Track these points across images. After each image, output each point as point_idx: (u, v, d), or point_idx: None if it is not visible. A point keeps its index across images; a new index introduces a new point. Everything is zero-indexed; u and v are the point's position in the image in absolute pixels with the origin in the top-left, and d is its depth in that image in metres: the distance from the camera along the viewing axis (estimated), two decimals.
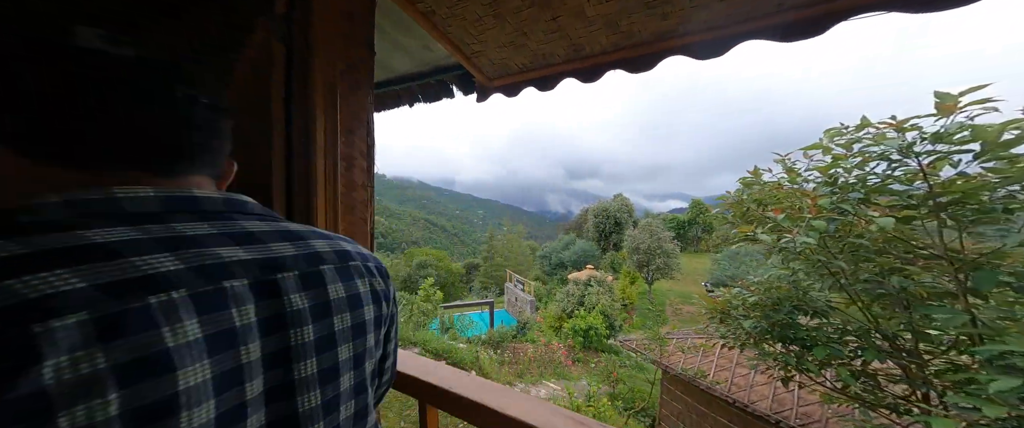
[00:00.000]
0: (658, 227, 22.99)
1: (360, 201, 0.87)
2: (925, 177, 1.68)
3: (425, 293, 8.45)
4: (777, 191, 2.13)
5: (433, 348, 5.35)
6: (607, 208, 34.56)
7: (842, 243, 1.83)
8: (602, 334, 11.84)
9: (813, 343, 2.12)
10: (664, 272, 22.69)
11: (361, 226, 0.88)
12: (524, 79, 1.44)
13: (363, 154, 0.87)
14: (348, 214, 0.83)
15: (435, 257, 31.74)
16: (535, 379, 7.91)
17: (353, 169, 0.84)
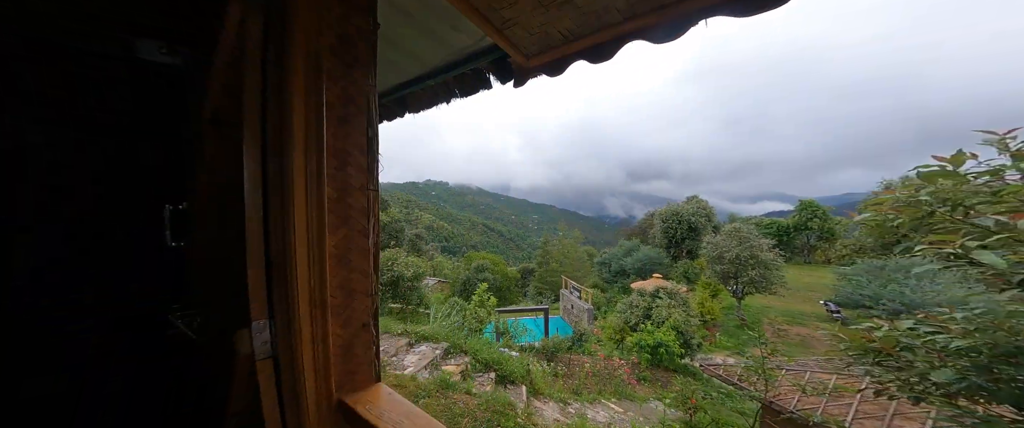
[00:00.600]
0: (750, 233, 19.44)
1: (358, 208, 0.70)
2: None
3: (479, 299, 8.54)
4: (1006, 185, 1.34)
5: (484, 358, 5.25)
6: (678, 211, 30.88)
7: None
8: (674, 353, 10.37)
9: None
10: (760, 286, 19.03)
11: (359, 241, 0.71)
12: (571, 51, 1.13)
13: (362, 149, 0.70)
14: (341, 226, 0.67)
15: (491, 261, 32.63)
16: (593, 398, 7.24)
17: (347, 168, 0.68)
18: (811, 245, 35.50)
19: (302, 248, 0.60)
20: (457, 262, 42.03)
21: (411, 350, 5.15)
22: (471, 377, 4.83)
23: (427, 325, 6.94)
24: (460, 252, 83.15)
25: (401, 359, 4.76)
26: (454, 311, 8.48)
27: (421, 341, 5.44)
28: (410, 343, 5.32)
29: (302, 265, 0.60)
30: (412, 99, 2.01)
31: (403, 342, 5.24)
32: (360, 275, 0.70)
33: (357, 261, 0.71)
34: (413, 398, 3.54)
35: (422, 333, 5.53)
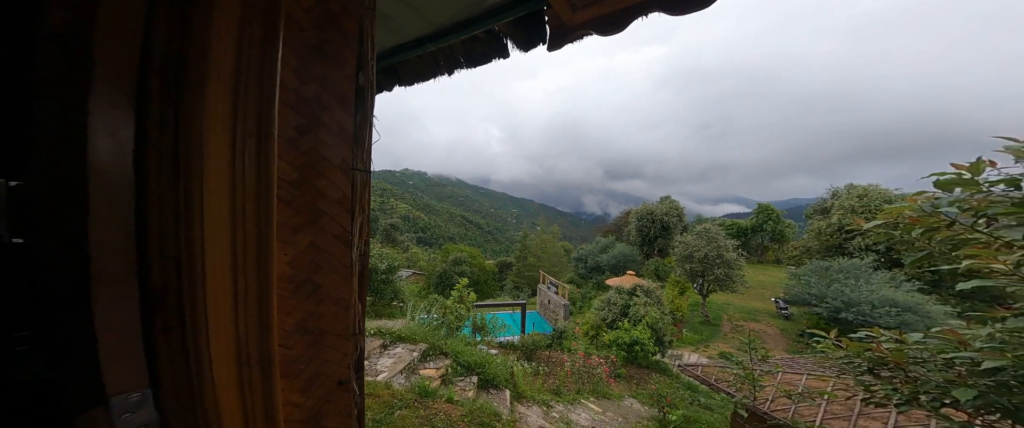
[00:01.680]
0: (718, 234, 20.54)
1: (334, 198, 0.40)
2: None
3: (458, 294, 8.20)
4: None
5: (466, 360, 4.97)
6: (652, 211, 32.10)
7: None
8: (649, 350, 10.71)
9: None
10: (723, 284, 20.25)
11: (335, 253, 0.40)
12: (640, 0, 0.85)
13: (346, 102, 0.38)
14: (305, 227, 0.36)
15: (469, 254, 32.20)
16: (573, 398, 7.24)
17: (319, 130, 0.37)
18: (764, 246, 38.51)
19: (218, 265, 0.30)
20: (433, 254, 41.04)
21: (385, 352, 4.75)
22: (452, 382, 4.54)
23: (403, 321, 6.52)
24: (437, 243, 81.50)
25: (374, 363, 4.35)
26: (433, 308, 8.09)
27: (397, 342, 5.05)
28: (384, 344, 4.91)
29: (219, 294, 0.31)
30: (406, 68, 1.64)
31: (376, 344, 4.81)
32: (335, 307, 0.40)
33: (331, 285, 0.40)
34: (388, 409, 3.19)
35: (398, 333, 5.13)
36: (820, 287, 18.23)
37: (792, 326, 19.47)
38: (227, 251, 0.32)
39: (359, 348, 0.48)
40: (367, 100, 0.44)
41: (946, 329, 1.66)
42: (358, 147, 0.43)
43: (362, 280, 0.48)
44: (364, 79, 0.43)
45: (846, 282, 17.61)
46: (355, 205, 0.43)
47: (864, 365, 1.94)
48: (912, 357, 1.78)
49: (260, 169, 0.34)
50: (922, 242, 1.64)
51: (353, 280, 0.44)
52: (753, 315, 21.06)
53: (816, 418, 3.84)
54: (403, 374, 4.24)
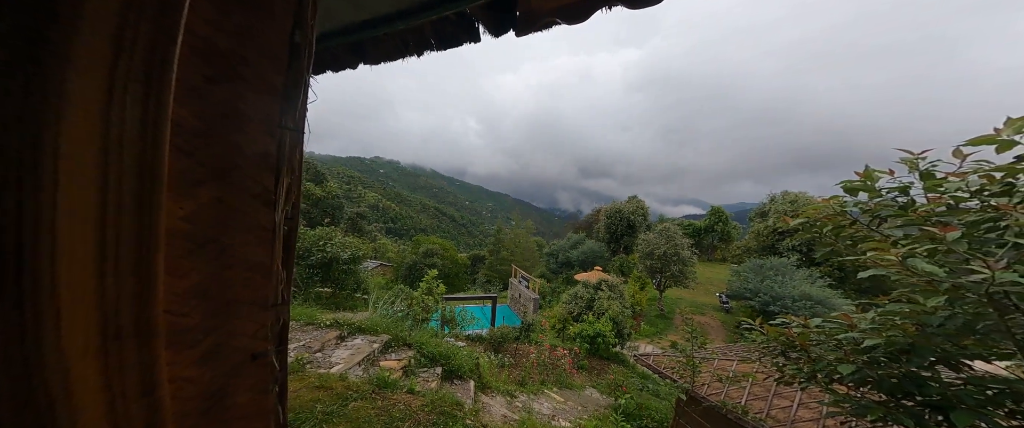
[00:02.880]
0: (676, 233, 22.03)
1: (251, 155, 0.34)
2: None
3: (427, 285, 8.04)
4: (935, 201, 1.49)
5: (430, 351, 4.91)
6: (621, 209, 33.63)
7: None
8: (610, 342, 11.29)
9: (950, 404, 1.54)
10: (678, 280, 21.83)
11: (250, 212, 0.35)
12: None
13: (274, 56, 0.34)
14: (207, 181, 0.31)
15: (441, 246, 31.64)
16: (537, 388, 7.46)
17: (237, 82, 0.31)
18: (714, 245, 42.13)
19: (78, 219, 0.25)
20: (403, 245, 39.86)
21: (342, 344, 4.53)
22: (414, 373, 4.46)
23: (366, 313, 6.27)
24: (408, 235, 79.02)
25: (329, 355, 4.14)
26: (398, 299, 7.85)
27: (356, 333, 4.84)
28: (342, 336, 4.69)
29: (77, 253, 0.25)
30: (372, 46, 1.54)
31: (333, 335, 4.58)
32: (248, 272, 0.36)
33: (243, 248, 0.36)
34: (342, 401, 3.06)
35: (357, 324, 4.92)
36: (755, 283, 20.49)
37: (731, 319, 21.56)
38: (92, 202, 0.27)
39: (282, 320, 0.44)
40: (302, 59, 0.40)
41: (841, 313, 1.93)
42: (288, 105, 0.39)
43: (288, 246, 0.44)
44: (301, 37, 0.39)
45: (775, 279, 19.99)
46: (281, 165, 0.39)
47: (778, 348, 2.20)
48: (813, 340, 2.06)
49: (146, 115, 0.29)
50: (832, 238, 1.89)
51: (275, 244, 0.40)
52: (701, 309, 22.99)
53: (742, 398, 4.31)
54: (361, 366, 4.09)
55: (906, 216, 1.51)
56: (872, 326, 1.78)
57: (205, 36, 0.32)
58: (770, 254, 26.31)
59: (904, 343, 1.64)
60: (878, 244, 1.58)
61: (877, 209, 1.64)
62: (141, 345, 0.31)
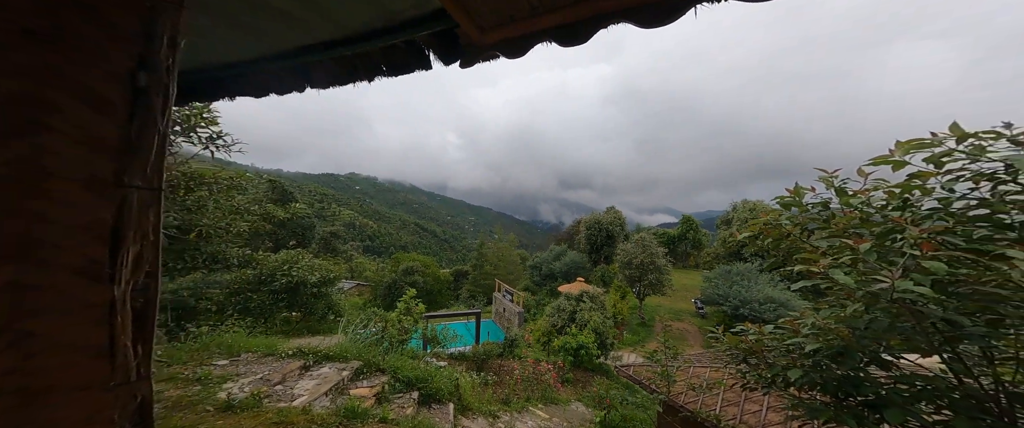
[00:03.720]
0: (651, 242, 22.77)
1: (69, 225, 0.30)
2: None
3: (404, 306, 7.74)
4: (846, 215, 1.63)
5: (406, 375, 4.67)
6: (600, 220, 34.45)
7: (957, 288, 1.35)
8: (593, 353, 11.27)
9: (883, 403, 1.63)
10: (656, 288, 22.40)
11: (69, 289, 0.29)
12: (539, 27, 0.90)
13: (104, 104, 0.31)
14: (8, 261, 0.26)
15: (423, 263, 30.81)
16: (521, 405, 7.25)
17: (38, 136, 0.28)
18: (688, 252, 43.86)
19: None
20: (382, 263, 38.40)
21: (307, 374, 4.21)
22: (389, 400, 4.20)
23: (336, 338, 5.90)
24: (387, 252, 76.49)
25: (290, 387, 3.82)
26: (371, 322, 7.46)
27: (323, 361, 4.52)
28: (306, 365, 4.36)
29: None
30: (318, 70, 1.51)
31: (296, 365, 4.24)
32: (70, 357, 0.31)
33: (59, 331, 0.30)
34: None
35: (324, 352, 4.61)
36: (725, 288, 21.50)
37: (708, 323, 22.29)
38: None
39: (139, 397, 0.39)
40: (155, 105, 0.37)
41: (787, 320, 2.04)
42: (133, 159, 0.35)
43: (144, 319, 0.39)
44: (150, 79, 0.36)
45: (742, 284, 21.10)
46: (128, 230, 0.34)
47: (740, 355, 2.28)
48: (768, 346, 2.15)
49: None
50: (774, 249, 2.02)
51: (117, 321, 0.35)
52: (679, 315, 23.61)
53: (717, 406, 4.39)
54: (328, 396, 3.80)
55: (829, 228, 1.64)
56: (812, 332, 1.89)
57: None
58: (736, 260, 27.76)
59: (839, 346, 1.75)
60: (808, 255, 1.70)
61: (805, 222, 1.78)
62: None
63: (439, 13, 1.09)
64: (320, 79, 1.60)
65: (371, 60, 1.41)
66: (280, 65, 1.46)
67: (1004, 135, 1.32)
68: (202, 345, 4.42)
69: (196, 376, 3.49)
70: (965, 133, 1.37)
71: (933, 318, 1.34)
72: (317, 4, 1.15)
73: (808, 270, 1.70)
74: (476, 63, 1.21)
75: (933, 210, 1.46)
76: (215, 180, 7.14)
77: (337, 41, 1.38)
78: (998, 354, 1.45)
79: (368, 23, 1.22)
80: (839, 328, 1.77)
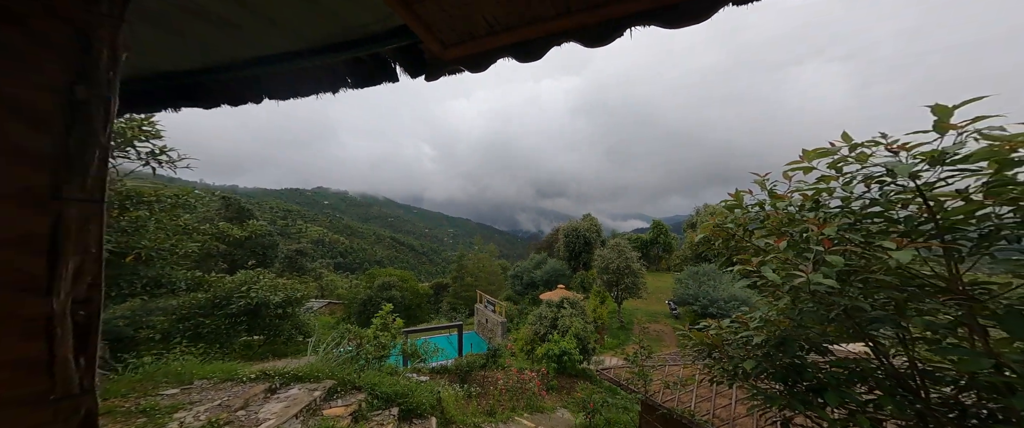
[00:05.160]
0: (626, 247, 23.59)
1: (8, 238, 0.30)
2: (925, 200, 1.47)
3: (380, 321, 7.42)
4: (773, 215, 1.83)
5: (384, 391, 4.46)
6: (577, 227, 35.20)
7: (858, 278, 1.54)
8: (576, 359, 11.34)
9: (823, 386, 1.80)
10: (632, 291, 23.11)
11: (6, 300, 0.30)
12: (496, 45, 0.97)
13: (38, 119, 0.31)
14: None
15: (400, 277, 29.73)
16: (506, 416, 7.12)
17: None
18: (659, 256, 45.81)
19: None
20: (356, 280, 36.60)
21: (273, 397, 3.89)
22: (366, 418, 3.97)
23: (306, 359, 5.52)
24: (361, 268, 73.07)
25: (254, 412, 3.51)
26: (345, 339, 7.07)
27: (292, 382, 4.21)
28: (272, 388, 4.04)
29: None
30: (274, 82, 1.48)
31: (260, 388, 3.91)
32: (8, 371, 0.30)
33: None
34: None
35: (293, 372, 4.30)
36: (694, 289, 22.65)
37: (680, 324, 23.25)
38: None
39: (83, 410, 0.38)
40: (95, 118, 0.37)
41: (738, 315, 2.21)
42: (71, 172, 0.35)
43: (86, 332, 0.38)
44: (88, 93, 0.37)
45: (710, 283, 22.35)
46: (66, 244, 0.34)
47: (705, 350, 2.41)
48: (727, 340, 2.29)
49: None
50: (724, 249, 2.19)
51: (56, 334, 0.35)
52: (655, 317, 24.44)
53: (691, 401, 4.58)
54: (299, 419, 3.54)
55: (763, 227, 1.83)
56: (758, 324, 2.06)
57: None
58: (702, 261, 29.36)
59: (780, 337, 1.92)
60: (746, 255, 1.87)
61: (746, 223, 1.97)
62: None
63: (403, 28, 1.13)
64: (279, 91, 1.58)
65: (335, 72, 1.41)
66: (231, 75, 1.42)
67: (881, 143, 1.56)
68: (145, 375, 3.97)
69: (140, 408, 3.13)
70: (855, 143, 1.61)
71: (839, 306, 1.52)
72: (273, 17, 1.15)
73: (745, 268, 1.86)
74: (441, 76, 1.26)
75: (839, 209, 1.69)
76: (157, 198, 6.57)
77: (296, 53, 1.37)
78: (908, 336, 1.64)
79: (330, 36, 1.23)
80: (780, 319, 1.95)
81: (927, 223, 1.47)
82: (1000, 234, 1.36)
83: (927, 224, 1.47)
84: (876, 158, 1.53)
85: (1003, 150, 1.31)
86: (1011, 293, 1.41)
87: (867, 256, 1.53)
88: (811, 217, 1.68)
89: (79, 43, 0.34)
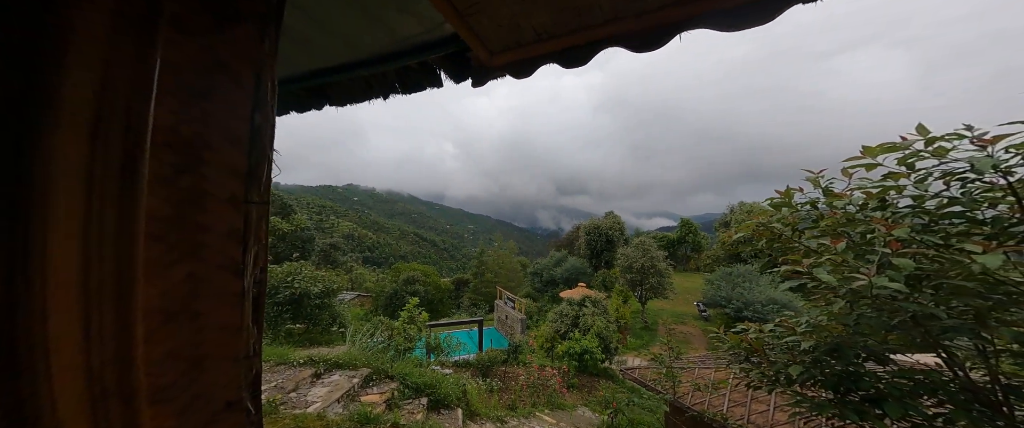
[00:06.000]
0: (651, 246, 22.81)
1: (219, 231, 0.41)
2: (1018, 198, 1.34)
3: (408, 314, 7.76)
4: (829, 215, 1.74)
5: (415, 382, 4.70)
6: (599, 225, 34.48)
7: (930, 284, 1.44)
8: (598, 358, 11.23)
9: (882, 397, 1.68)
10: (657, 291, 22.33)
11: (220, 282, 0.40)
12: (542, 51, 1.02)
13: (236, 141, 0.41)
14: (182, 261, 0.37)
15: (423, 272, 30.68)
16: (528, 411, 7.23)
17: (202, 168, 0.39)
18: (688, 255, 43.69)
19: (64, 309, 0.31)
20: (382, 274, 38.24)
21: (318, 381, 4.25)
22: (399, 406, 4.23)
23: (344, 347, 5.93)
24: (387, 263, 76.14)
25: (304, 394, 3.86)
26: (378, 330, 7.49)
27: (333, 369, 4.57)
28: (317, 373, 4.40)
29: (65, 336, 0.31)
30: (335, 89, 1.64)
31: (308, 373, 4.29)
32: (220, 332, 0.42)
33: (214, 313, 0.43)
34: None
35: (334, 359, 4.65)
36: (727, 291, 21.43)
37: (710, 326, 22.05)
38: (76, 295, 0.34)
39: (255, 370, 0.50)
40: (264, 138, 0.49)
41: (783, 319, 2.12)
42: (251, 181, 0.46)
43: (258, 305, 0.50)
44: (261, 119, 0.48)
45: (744, 286, 21.04)
46: (248, 237, 0.46)
47: (742, 354, 2.33)
48: (768, 344, 2.20)
49: (122, 212, 0.36)
50: (768, 249, 2.09)
51: (244, 306, 0.47)
52: (682, 318, 23.49)
53: (723, 405, 4.43)
54: (340, 403, 3.84)
55: (817, 227, 1.74)
56: (807, 329, 1.96)
57: (171, 127, 0.39)
58: (736, 262, 27.66)
59: (834, 343, 1.82)
60: (795, 256, 1.78)
61: (796, 222, 1.88)
62: (125, 403, 0.37)
63: (450, 37, 1.22)
64: (338, 98, 1.72)
65: (386, 79, 1.53)
66: (297, 86, 1.59)
67: (966, 136, 1.43)
68: None
69: None
70: (932, 136, 1.49)
71: (906, 313, 1.42)
72: (337, 31, 1.27)
73: (793, 270, 1.78)
74: (487, 82, 1.34)
75: (910, 208, 1.57)
76: None
77: (352, 64, 1.50)
78: (991, 348, 1.47)
79: (384, 46, 1.35)
80: (832, 325, 1.85)
81: (1020, 225, 1.32)
82: None
83: (1019, 226, 1.32)
84: (958, 152, 1.37)
85: None
86: None
87: (942, 259, 1.42)
88: (877, 217, 1.58)
89: (255, 80, 0.45)
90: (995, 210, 1.43)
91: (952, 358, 1.57)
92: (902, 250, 1.34)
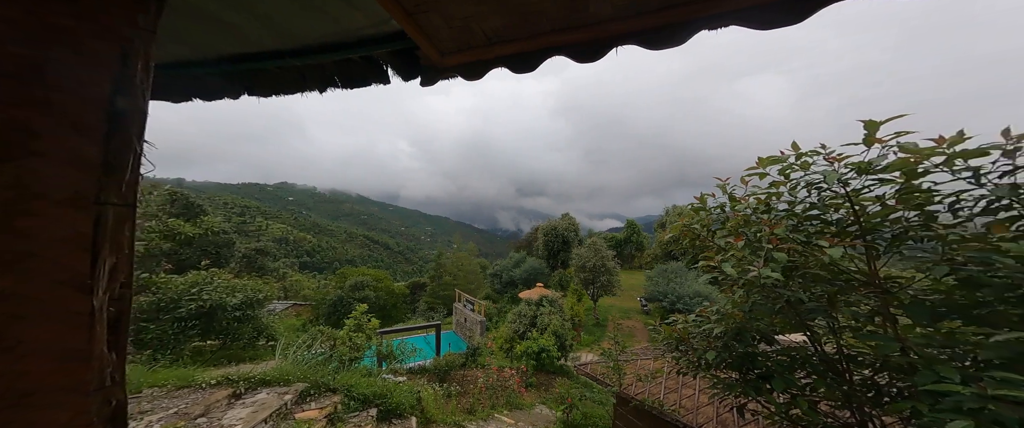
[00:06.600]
0: (602, 246, 24.36)
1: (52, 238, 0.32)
2: (852, 205, 1.71)
3: (354, 323, 7.17)
4: (732, 217, 2.04)
5: (362, 392, 4.34)
6: (556, 226, 35.79)
7: (798, 274, 1.77)
8: (553, 355, 11.60)
9: (770, 373, 2.02)
10: (607, 289, 23.92)
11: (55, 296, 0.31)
12: (493, 55, 1.02)
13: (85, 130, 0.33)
14: None
15: (374, 277, 28.70)
16: (487, 414, 7.18)
17: (31, 159, 0.30)
18: (632, 254, 47.80)
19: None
20: (325, 280, 34.90)
21: (238, 402, 3.68)
22: (343, 420, 3.86)
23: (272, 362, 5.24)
24: (330, 268, 69.56)
25: (217, 419, 3.31)
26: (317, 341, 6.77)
27: (259, 387, 3.99)
28: (236, 393, 3.81)
29: None
30: (259, 79, 1.43)
31: (222, 394, 3.67)
32: (53, 362, 0.33)
33: (45, 337, 0.33)
34: None
35: (260, 376, 4.08)
36: (663, 286, 23.97)
37: (650, 320, 24.38)
38: None
39: (114, 402, 0.40)
40: (130, 126, 0.39)
41: (702, 309, 2.43)
42: (110, 178, 0.37)
43: (118, 327, 0.41)
44: (125, 104, 0.39)
45: (677, 280, 23.77)
46: (103, 244, 0.36)
47: (673, 343, 2.61)
48: (692, 333, 2.50)
49: None
50: (690, 248, 2.39)
51: (95, 328, 0.37)
52: (627, 314, 25.49)
53: (660, 393, 4.90)
54: (268, 423, 3.38)
55: (725, 228, 2.04)
56: (718, 317, 2.27)
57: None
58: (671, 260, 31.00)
59: (737, 328, 2.14)
60: (710, 253, 2.07)
61: (710, 224, 2.18)
62: None
63: (399, 33, 1.16)
64: (261, 88, 1.53)
65: (323, 72, 1.39)
66: (210, 70, 1.37)
67: (820, 153, 1.79)
68: None
69: None
70: (800, 152, 1.84)
71: (783, 298, 1.74)
72: (267, 16, 1.13)
73: (709, 265, 2.06)
74: (436, 82, 1.29)
75: (786, 211, 1.93)
76: None
77: (284, 52, 1.34)
78: (839, 325, 1.83)
79: (324, 37, 1.22)
80: (735, 312, 2.17)
81: (853, 225, 1.70)
82: (908, 235, 1.61)
83: (853, 226, 1.70)
84: (816, 166, 1.74)
85: (911, 162, 1.54)
86: (915, 286, 1.68)
87: (806, 254, 1.76)
88: (764, 218, 1.89)
89: (120, 58, 0.35)
90: (838, 214, 1.81)
91: (814, 335, 1.95)
92: (780, 246, 1.63)
